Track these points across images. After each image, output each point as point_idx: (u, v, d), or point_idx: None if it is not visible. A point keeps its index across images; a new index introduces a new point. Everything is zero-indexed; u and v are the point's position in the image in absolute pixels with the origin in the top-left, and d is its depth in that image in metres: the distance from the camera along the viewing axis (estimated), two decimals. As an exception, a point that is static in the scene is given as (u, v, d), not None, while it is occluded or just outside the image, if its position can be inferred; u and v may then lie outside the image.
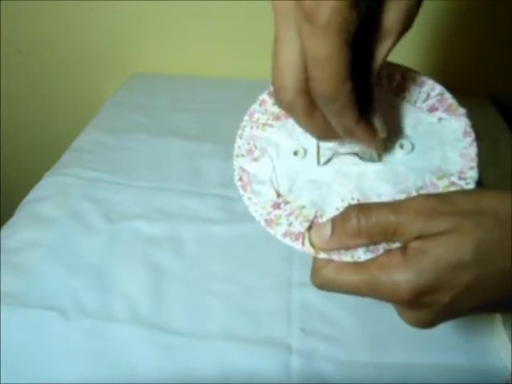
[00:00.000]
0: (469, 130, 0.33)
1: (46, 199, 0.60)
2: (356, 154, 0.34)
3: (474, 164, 0.32)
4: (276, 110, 0.36)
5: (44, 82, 0.95)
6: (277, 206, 0.34)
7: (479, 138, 0.33)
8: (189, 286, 0.50)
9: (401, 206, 0.29)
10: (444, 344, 0.44)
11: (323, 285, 0.31)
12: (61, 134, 0.83)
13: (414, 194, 0.32)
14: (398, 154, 0.34)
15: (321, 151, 0.35)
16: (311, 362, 0.44)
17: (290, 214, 0.33)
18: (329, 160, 0.35)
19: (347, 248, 0.30)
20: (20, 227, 0.56)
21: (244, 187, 0.35)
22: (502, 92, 0.83)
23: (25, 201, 0.61)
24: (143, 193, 0.61)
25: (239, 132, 0.37)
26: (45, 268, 0.51)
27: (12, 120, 1.00)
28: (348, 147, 0.34)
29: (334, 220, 0.30)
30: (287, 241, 0.32)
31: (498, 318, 0.44)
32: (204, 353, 0.44)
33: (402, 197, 0.32)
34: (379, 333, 0.45)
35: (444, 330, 0.45)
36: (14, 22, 0.87)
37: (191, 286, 0.50)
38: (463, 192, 0.31)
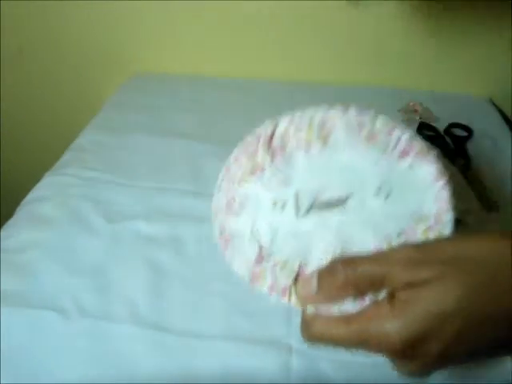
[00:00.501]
0: (440, 173, 0.34)
1: (46, 199, 0.60)
2: (337, 204, 0.35)
3: (449, 206, 0.33)
4: (250, 164, 0.37)
5: (44, 81, 0.95)
6: (260, 259, 0.33)
7: (475, 136, 0.32)
8: (189, 286, 0.50)
9: (385, 256, 0.29)
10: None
11: (314, 339, 0.30)
12: (61, 134, 0.83)
13: (395, 239, 0.32)
14: (374, 202, 0.34)
15: (300, 200, 0.35)
16: (311, 362, 0.44)
17: (274, 267, 0.33)
18: (308, 210, 0.35)
19: (334, 300, 0.30)
20: (20, 227, 0.56)
21: (225, 244, 0.34)
22: (501, 92, 0.83)
23: (25, 201, 0.61)
24: (143, 193, 0.61)
25: (218, 183, 0.37)
26: (45, 268, 0.51)
27: (12, 120, 1.00)
28: (328, 194, 0.35)
29: (319, 273, 0.30)
30: (274, 296, 0.32)
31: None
32: (204, 353, 0.44)
33: (384, 244, 0.32)
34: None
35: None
36: (14, 22, 0.87)
37: (191, 285, 0.50)
38: (444, 239, 0.31)
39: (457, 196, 0.31)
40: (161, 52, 0.89)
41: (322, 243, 0.33)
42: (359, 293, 0.29)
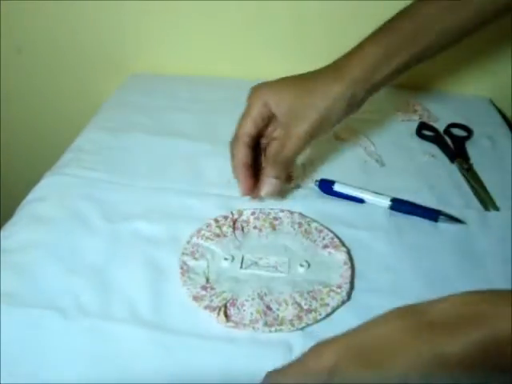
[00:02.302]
0: (347, 260, 0.50)
1: (45, 199, 0.60)
2: (270, 268, 0.50)
3: (348, 281, 0.48)
4: (217, 231, 0.53)
5: (44, 82, 0.95)
6: (204, 288, 0.47)
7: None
8: (189, 286, 0.50)
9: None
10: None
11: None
12: (61, 133, 0.83)
13: (305, 295, 0.46)
14: (299, 270, 0.50)
15: (244, 260, 0.51)
16: (311, 361, 0.44)
17: (213, 295, 0.47)
18: (249, 266, 0.50)
19: None
20: (20, 227, 0.56)
21: (183, 274, 0.49)
22: (501, 92, 0.83)
23: (25, 201, 0.61)
24: (143, 193, 0.61)
25: (188, 239, 0.53)
26: (45, 268, 0.51)
27: (12, 120, 1.00)
28: (266, 261, 0.51)
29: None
30: (206, 311, 0.45)
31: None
32: (204, 353, 0.44)
33: (297, 295, 0.47)
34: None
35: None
36: (13, 22, 0.87)
37: (191, 285, 0.50)
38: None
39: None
40: (160, 52, 0.89)
41: (252, 287, 0.47)
42: None
